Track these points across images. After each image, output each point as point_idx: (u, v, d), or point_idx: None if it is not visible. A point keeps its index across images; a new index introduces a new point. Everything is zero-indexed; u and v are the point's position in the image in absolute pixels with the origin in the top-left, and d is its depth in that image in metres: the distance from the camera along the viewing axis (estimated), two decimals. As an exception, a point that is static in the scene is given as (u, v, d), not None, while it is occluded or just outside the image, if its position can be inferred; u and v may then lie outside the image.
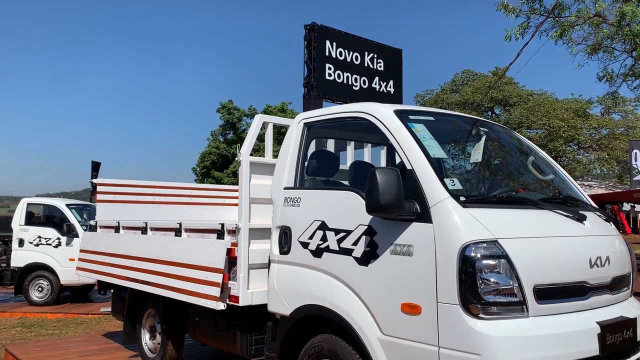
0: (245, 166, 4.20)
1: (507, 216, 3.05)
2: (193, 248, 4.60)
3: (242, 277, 4.06)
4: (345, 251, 3.37)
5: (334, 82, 9.13)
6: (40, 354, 5.98)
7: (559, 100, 33.77)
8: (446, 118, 4.03)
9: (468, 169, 4.15)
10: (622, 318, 3.14)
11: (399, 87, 10.32)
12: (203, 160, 38.71)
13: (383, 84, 10.12)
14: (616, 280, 3.30)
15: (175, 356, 5.27)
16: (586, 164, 34.87)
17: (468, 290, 2.75)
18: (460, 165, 4.17)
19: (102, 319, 9.65)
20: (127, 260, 5.38)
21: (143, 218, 5.62)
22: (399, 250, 3.06)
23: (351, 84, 9.50)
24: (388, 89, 10.18)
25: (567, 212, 3.27)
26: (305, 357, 3.58)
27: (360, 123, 3.68)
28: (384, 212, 3.03)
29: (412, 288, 2.97)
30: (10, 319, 9.99)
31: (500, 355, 2.64)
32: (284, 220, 3.85)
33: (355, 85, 9.58)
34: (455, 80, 38.63)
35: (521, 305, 2.79)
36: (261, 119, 4.39)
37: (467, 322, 2.73)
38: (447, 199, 2.94)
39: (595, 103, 31.30)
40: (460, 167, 4.17)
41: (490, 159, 4.05)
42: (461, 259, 2.78)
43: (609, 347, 2.97)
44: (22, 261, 11.00)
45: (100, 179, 6.60)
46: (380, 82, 10.05)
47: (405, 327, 2.97)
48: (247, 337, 4.21)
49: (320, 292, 3.50)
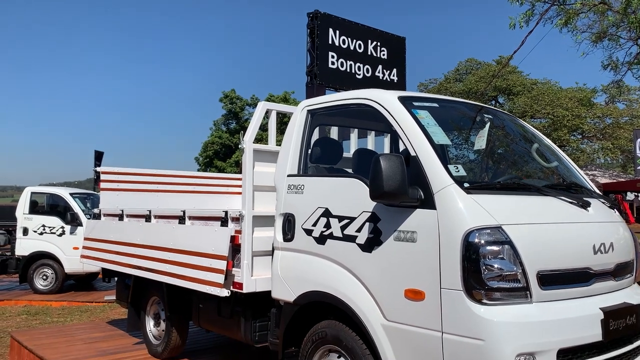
0: (249, 154, 4.19)
1: (511, 202, 3.04)
2: (197, 235, 4.61)
3: (245, 264, 4.07)
4: (349, 238, 3.38)
5: (337, 71, 9.12)
6: (45, 341, 6.03)
7: (563, 89, 33.59)
8: (450, 105, 4.01)
9: (472, 155, 4.13)
10: (625, 304, 3.14)
11: (403, 75, 10.29)
12: (206, 150, 38.68)
13: (386, 72, 10.09)
14: (620, 266, 3.29)
15: (180, 343, 5.30)
16: (590, 153, 34.73)
17: (471, 276, 2.76)
18: (464, 151, 4.16)
19: (106, 307, 9.73)
20: (131, 248, 5.40)
21: (147, 206, 5.63)
22: (402, 237, 3.07)
23: (354, 72, 9.49)
24: (391, 77, 10.15)
25: (571, 199, 3.26)
26: (309, 343, 3.60)
27: (364, 110, 3.67)
28: (388, 198, 3.03)
29: (416, 274, 2.97)
30: (16, 307, 10.08)
31: (503, 340, 2.65)
32: (288, 208, 3.85)
33: (358, 74, 9.57)
34: (459, 69, 38.44)
35: (524, 291, 2.79)
36: (264, 106, 4.38)
37: (471, 307, 2.73)
38: (451, 185, 2.94)
39: (600, 92, 31.15)
40: (464, 154, 4.15)
41: (495, 145, 4.04)
42: (465, 245, 2.78)
43: (612, 333, 2.97)
44: (26, 250, 11.06)
45: (104, 168, 6.61)
46: (384, 70, 10.03)
47: (409, 313, 2.98)
48: (251, 323, 4.23)
49: (323, 279, 3.51)
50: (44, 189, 11.96)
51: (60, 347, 5.80)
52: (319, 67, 8.79)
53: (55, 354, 5.48)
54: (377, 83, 9.59)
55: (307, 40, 8.90)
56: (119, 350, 5.68)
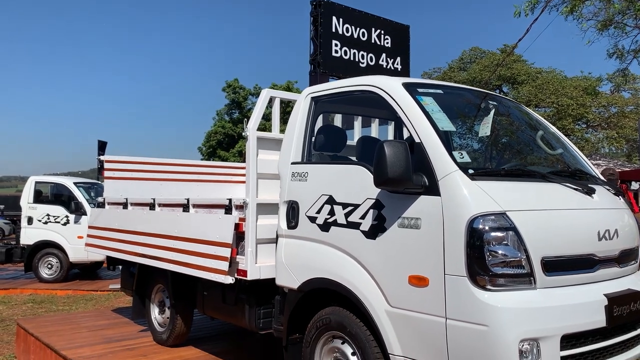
0: (252, 141, 4.19)
1: (516, 189, 3.04)
2: (201, 223, 4.62)
3: (250, 252, 4.08)
4: (353, 225, 3.38)
5: (340, 59, 9.07)
6: (50, 328, 6.07)
7: (568, 78, 33.39)
8: (455, 91, 3.98)
9: (477, 142, 4.12)
10: (629, 291, 3.14)
11: (407, 63, 10.23)
12: (209, 140, 38.67)
13: (390, 60, 10.04)
14: (624, 253, 3.29)
15: (184, 330, 5.33)
16: (595, 142, 34.57)
17: (476, 262, 2.75)
18: (469, 138, 4.14)
19: (111, 295, 9.79)
20: (136, 236, 5.42)
21: (151, 195, 5.64)
22: (406, 224, 3.06)
23: (358, 61, 9.44)
24: (395, 65, 10.10)
25: (576, 185, 3.24)
26: (313, 329, 3.61)
27: (368, 97, 3.65)
28: (392, 185, 3.02)
29: (420, 260, 2.98)
30: (21, 295, 10.16)
31: (507, 326, 2.65)
32: (292, 195, 3.85)
33: (362, 62, 9.52)
34: (463, 58, 38.22)
35: (528, 277, 2.79)
36: (268, 93, 4.37)
37: (475, 293, 2.73)
38: (456, 171, 2.93)
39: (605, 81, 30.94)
40: (469, 141, 4.14)
41: (500, 132, 4.02)
42: (469, 231, 2.78)
43: (615, 318, 2.97)
44: (31, 239, 11.13)
45: (107, 156, 6.62)
46: (388, 58, 9.97)
47: (413, 299, 2.99)
48: (256, 310, 4.25)
49: (327, 266, 3.52)
50: (48, 178, 12.01)
51: (66, 334, 5.85)
52: (322, 56, 8.74)
53: (60, 341, 5.52)
54: (381, 71, 9.53)
55: (311, 28, 8.86)
56: (124, 338, 5.72)
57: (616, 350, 3.07)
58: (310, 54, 8.94)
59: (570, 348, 2.82)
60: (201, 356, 5.06)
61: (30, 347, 5.89)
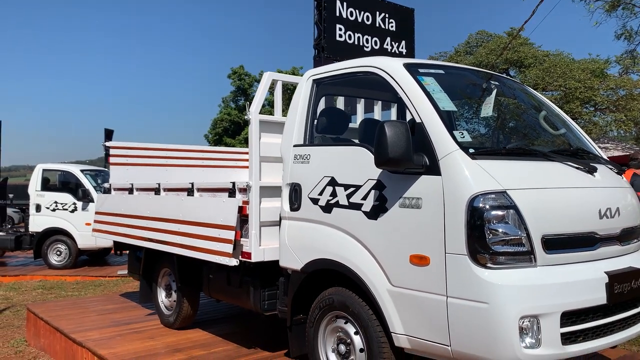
0: (255, 124, 4.20)
1: (517, 168, 3.04)
2: (205, 207, 4.66)
3: (254, 234, 4.12)
4: (355, 206, 3.40)
5: (344, 43, 9.01)
6: (60, 312, 6.16)
7: (575, 60, 33.01)
8: (457, 71, 3.97)
9: (479, 122, 4.11)
10: (631, 268, 3.15)
11: (411, 47, 10.15)
12: (215, 127, 38.69)
13: (395, 44, 9.96)
14: (626, 231, 3.29)
15: (191, 313, 5.39)
16: (603, 126, 34.27)
17: (476, 241, 2.77)
18: (471, 118, 4.14)
19: (119, 281, 9.90)
20: (142, 221, 5.47)
21: (156, 180, 5.68)
22: (407, 203, 3.08)
23: (362, 45, 9.37)
24: (400, 49, 10.02)
25: (578, 164, 3.24)
26: (317, 309, 3.65)
27: (369, 78, 3.65)
28: (393, 165, 3.03)
29: (421, 240, 3.00)
30: (31, 281, 10.29)
31: (507, 303, 2.68)
32: (294, 178, 3.87)
33: (366, 46, 9.46)
34: (470, 41, 37.82)
35: (529, 255, 2.81)
36: (270, 76, 4.37)
37: (475, 271, 2.75)
38: (456, 151, 2.93)
39: (614, 63, 30.59)
40: (471, 121, 4.13)
41: (502, 112, 4.01)
42: (470, 209, 2.79)
43: (616, 296, 2.99)
44: (39, 226, 11.24)
45: (113, 142, 6.66)
46: (392, 42, 9.89)
47: (414, 278, 3.01)
48: (260, 292, 4.29)
49: (330, 247, 3.55)
50: (55, 166, 12.08)
51: (75, 318, 5.93)
52: (326, 40, 8.69)
53: (69, 324, 5.60)
54: (386, 55, 9.48)
55: (314, 13, 8.81)
56: (132, 321, 5.80)
57: (617, 327, 3.09)
58: (314, 38, 8.90)
59: (571, 325, 2.84)
60: (208, 338, 5.12)
61: (40, 331, 5.98)
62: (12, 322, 7.22)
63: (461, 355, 2.85)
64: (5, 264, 12.49)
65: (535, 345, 2.72)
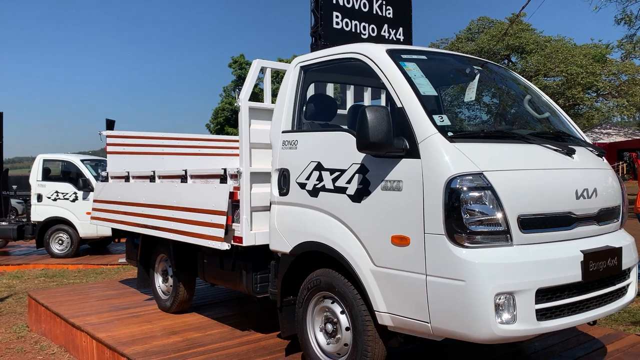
0: (245, 111, 4.29)
1: (494, 150, 3.12)
2: (198, 193, 4.76)
3: (244, 219, 4.22)
4: (340, 189, 3.49)
5: (341, 31, 9.04)
6: (60, 299, 6.30)
7: (577, 46, 32.84)
8: (440, 57, 4.03)
9: (462, 106, 4.18)
10: (607, 247, 3.24)
11: (409, 34, 10.18)
12: (216, 117, 38.80)
13: (392, 31, 9.99)
14: (604, 212, 3.37)
15: (187, 297, 5.52)
16: (605, 111, 34.14)
17: (454, 221, 2.86)
18: (454, 103, 4.21)
19: (120, 269, 10.05)
20: (138, 208, 5.58)
21: (152, 168, 5.77)
22: (389, 186, 3.17)
23: (359, 32, 9.41)
24: (397, 36, 10.05)
25: (556, 146, 3.32)
26: (305, 290, 3.76)
27: (354, 64, 3.72)
28: (374, 149, 3.12)
29: (402, 221, 3.09)
30: (34, 270, 10.45)
31: (483, 280, 2.77)
32: (283, 163, 3.96)
33: (363, 34, 9.49)
34: (471, 28, 37.68)
35: (505, 234, 2.90)
36: (259, 63, 4.44)
37: (453, 250, 2.85)
38: (435, 134, 3.01)
39: (616, 48, 30.42)
40: (454, 105, 4.20)
41: (485, 97, 4.08)
42: (447, 191, 2.88)
43: (591, 274, 3.08)
44: (41, 215, 11.38)
45: (110, 131, 6.75)
46: (390, 29, 9.92)
47: (395, 258, 3.11)
48: (252, 275, 4.40)
49: (317, 230, 3.64)
50: (56, 156, 12.19)
51: (75, 303, 6.07)
52: (323, 28, 8.72)
53: (69, 310, 5.74)
54: (383, 42, 9.49)
55: (311, 0, 8.83)
56: (131, 306, 5.93)
57: (592, 304, 3.19)
58: (311, 26, 8.93)
59: (546, 301, 2.94)
60: (203, 321, 5.24)
61: (41, 317, 6.12)
62: (15, 309, 7.38)
63: (440, 331, 2.95)
64: (8, 254, 12.67)
65: (510, 321, 2.82)
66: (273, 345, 4.43)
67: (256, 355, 4.22)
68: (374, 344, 3.31)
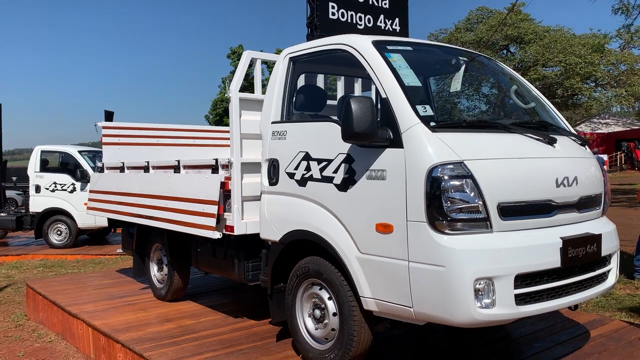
0: (235, 102, 4.35)
1: (476, 140, 3.19)
2: (190, 183, 4.83)
3: (236, 209, 4.29)
4: (327, 179, 3.56)
5: (337, 22, 9.08)
6: (57, 288, 6.40)
7: (576, 36, 32.77)
8: (426, 48, 4.09)
9: (447, 97, 4.24)
10: (587, 234, 3.32)
11: (405, 24, 10.21)
12: (215, 108, 38.78)
13: (388, 22, 10.02)
14: (585, 199, 3.45)
15: (182, 286, 5.61)
16: (603, 101, 34.13)
17: (435, 209, 2.94)
18: (440, 93, 4.27)
19: (118, 259, 10.15)
20: (133, 198, 5.66)
21: (147, 159, 5.83)
22: (374, 175, 3.24)
23: (355, 23, 9.44)
24: (394, 27, 10.08)
25: (538, 136, 3.39)
26: (294, 277, 3.85)
27: (341, 55, 3.78)
28: (359, 139, 3.19)
29: (386, 209, 3.16)
30: (33, 260, 10.55)
31: (462, 266, 2.85)
32: (272, 153, 4.03)
33: (359, 24, 9.53)
34: (470, 18, 37.60)
35: (485, 221, 2.97)
36: (249, 55, 4.50)
37: (434, 237, 2.93)
38: (418, 124, 3.08)
39: (615, 38, 30.36)
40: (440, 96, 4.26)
41: (470, 88, 4.15)
42: (429, 179, 2.95)
43: (570, 260, 3.16)
44: (39, 206, 11.47)
45: (105, 122, 6.81)
46: (386, 19, 9.96)
47: (380, 245, 3.19)
48: (244, 264, 4.48)
49: (305, 218, 3.72)
50: (53, 147, 12.25)
51: (72, 292, 6.16)
52: (319, 18, 8.75)
53: (66, 298, 5.83)
54: (379, 33, 9.50)
55: (307, -10, 8.84)
56: (127, 295, 6.03)
57: (572, 289, 3.27)
58: (308, 17, 8.95)
59: (525, 287, 3.02)
60: (197, 309, 5.34)
61: (39, 306, 6.22)
62: (13, 299, 7.48)
63: (422, 316, 3.04)
64: (7, 244, 12.77)
65: (490, 305, 2.91)
66: (265, 331, 4.53)
67: (248, 341, 4.31)
68: (359, 329, 3.41)
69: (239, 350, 4.09)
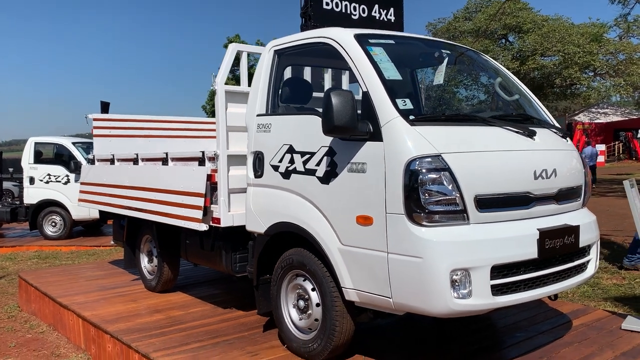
0: (221, 95, 4.37)
1: (454, 133, 3.22)
2: (178, 175, 4.86)
3: (222, 201, 4.33)
4: (310, 172, 3.59)
5: (332, 12, 9.02)
6: (50, 279, 6.45)
7: (574, 25, 32.64)
8: (408, 41, 4.10)
9: (430, 90, 4.27)
10: (564, 225, 3.36)
11: (400, 14, 10.15)
12: (212, 99, 38.65)
13: (383, 11, 9.95)
14: (563, 191, 3.49)
15: (171, 277, 5.66)
16: (602, 91, 34.08)
17: (413, 201, 2.97)
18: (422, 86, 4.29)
19: (112, 250, 10.19)
20: (122, 190, 5.69)
21: (138, 151, 5.86)
22: (354, 168, 3.28)
23: (350, 13, 9.37)
24: (388, 17, 10.02)
25: (517, 128, 3.42)
26: (279, 269, 3.89)
27: (324, 48, 3.79)
28: (339, 132, 3.22)
29: (366, 202, 3.20)
30: (27, 252, 10.60)
31: (439, 257, 2.90)
32: (257, 146, 4.06)
33: (354, 14, 9.46)
34: (469, 7, 37.40)
35: (462, 213, 3.01)
36: (235, 47, 4.52)
37: (411, 229, 2.97)
38: (397, 118, 3.11)
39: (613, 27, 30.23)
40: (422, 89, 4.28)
41: (453, 80, 4.17)
42: (407, 172, 2.99)
43: (547, 251, 3.20)
44: (34, 198, 11.50)
45: (96, 114, 6.82)
46: (380, 9, 9.88)
47: (360, 237, 3.23)
48: (231, 255, 4.52)
49: (289, 210, 3.76)
50: (47, 139, 12.25)
51: (63, 284, 6.21)
52: (313, 8, 8.70)
53: (57, 290, 5.89)
54: (374, 23, 9.46)
55: (301, -21, 8.80)
56: (118, 286, 6.08)
57: (550, 280, 3.32)
58: (301, 7, 8.92)
59: (502, 277, 3.07)
60: (187, 300, 5.40)
61: (31, 297, 6.28)
62: (7, 290, 7.53)
63: (401, 306, 3.09)
64: (2, 236, 12.82)
65: (466, 295, 2.96)
66: (252, 322, 4.58)
67: (235, 331, 4.37)
68: (341, 319, 3.46)
69: (225, 341, 4.15)
